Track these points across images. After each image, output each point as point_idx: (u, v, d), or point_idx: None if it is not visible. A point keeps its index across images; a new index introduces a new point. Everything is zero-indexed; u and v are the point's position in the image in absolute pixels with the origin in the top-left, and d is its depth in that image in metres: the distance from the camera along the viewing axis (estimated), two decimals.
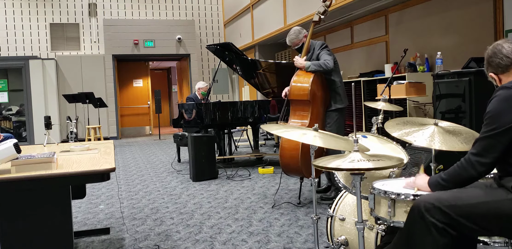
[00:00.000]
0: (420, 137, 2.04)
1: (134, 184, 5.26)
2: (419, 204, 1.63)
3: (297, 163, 3.76)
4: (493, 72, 1.79)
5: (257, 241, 3.04)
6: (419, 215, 1.61)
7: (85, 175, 1.98)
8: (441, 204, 1.59)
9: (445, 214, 1.58)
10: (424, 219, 1.59)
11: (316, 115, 3.89)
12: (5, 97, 10.19)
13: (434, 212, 1.59)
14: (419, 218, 1.60)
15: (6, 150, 1.94)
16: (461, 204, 1.59)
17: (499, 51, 1.73)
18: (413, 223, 1.63)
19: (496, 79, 1.80)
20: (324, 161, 1.82)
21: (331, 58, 3.82)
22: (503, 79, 1.77)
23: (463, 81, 3.85)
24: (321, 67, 3.79)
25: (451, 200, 1.61)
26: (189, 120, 5.97)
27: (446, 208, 1.58)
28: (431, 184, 1.74)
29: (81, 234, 3.28)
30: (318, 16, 3.95)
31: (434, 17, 5.60)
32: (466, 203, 1.59)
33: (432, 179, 1.75)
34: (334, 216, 2.42)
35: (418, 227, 1.61)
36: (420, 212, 1.61)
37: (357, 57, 7.39)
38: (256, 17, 9.99)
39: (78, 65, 10.95)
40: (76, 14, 11.50)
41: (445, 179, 1.70)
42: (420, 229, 1.60)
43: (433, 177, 1.76)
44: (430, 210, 1.59)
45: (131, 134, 12.68)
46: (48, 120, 3.24)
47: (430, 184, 1.74)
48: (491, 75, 1.82)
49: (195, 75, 12.09)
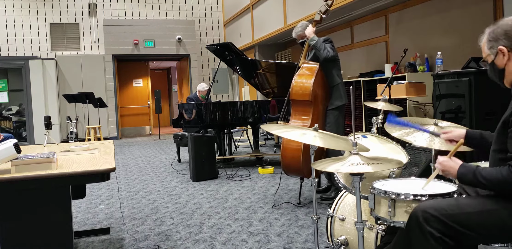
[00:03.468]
0: (420, 137, 2.04)
1: (134, 184, 5.26)
2: (417, 212, 1.61)
3: (299, 163, 3.75)
4: (508, 47, 1.64)
5: (257, 241, 3.04)
6: (417, 224, 1.60)
7: (85, 175, 1.98)
8: (439, 213, 1.58)
9: (444, 223, 1.56)
10: (421, 228, 1.58)
11: (317, 116, 3.88)
12: (5, 97, 10.19)
13: (432, 221, 1.57)
14: (417, 227, 1.59)
15: (6, 150, 1.94)
16: (460, 212, 1.58)
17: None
18: (412, 231, 1.62)
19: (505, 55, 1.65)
20: (323, 164, 1.81)
21: (332, 50, 3.83)
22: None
23: (463, 81, 3.85)
24: (322, 49, 3.79)
25: (450, 208, 1.59)
26: (189, 120, 5.97)
27: (444, 217, 1.57)
28: (463, 175, 1.65)
29: (81, 234, 3.28)
30: (320, 15, 3.95)
31: (434, 17, 5.60)
32: (465, 211, 1.58)
33: (467, 174, 1.63)
34: (334, 216, 2.42)
35: (416, 236, 1.60)
36: (418, 221, 1.59)
37: (357, 57, 7.39)
38: (256, 17, 9.99)
39: (78, 65, 10.95)
40: (76, 14, 11.50)
41: (485, 181, 1.59)
42: (418, 238, 1.59)
43: (468, 170, 1.64)
44: (428, 219, 1.58)
45: (131, 134, 12.68)
46: (48, 120, 3.24)
47: (460, 174, 1.65)
48: (501, 50, 1.65)
49: (195, 75, 12.09)
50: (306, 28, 4.02)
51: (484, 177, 1.59)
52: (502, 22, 1.68)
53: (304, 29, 4.03)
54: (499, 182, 1.56)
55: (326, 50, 3.78)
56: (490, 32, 1.70)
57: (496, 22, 1.71)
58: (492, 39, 1.68)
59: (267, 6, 9.26)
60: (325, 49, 3.79)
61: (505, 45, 1.64)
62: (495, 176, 1.57)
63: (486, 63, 1.75)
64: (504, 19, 1.68)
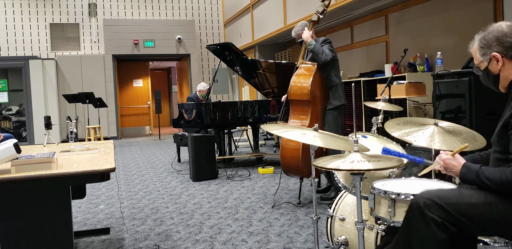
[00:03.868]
0: (420, 137, 2.04)
1: (134, 184, 5.26)
2: (419, 200, 1.61)
3: (298, 163, 3.76)
4: (501, 53, 1.63)
5: (257, 241, 3.04)
6: (419, 211, 1.59)
7: (85, 175, 1.98)
8: (442, 201, 1.58)
9: (446, 211, 1.57)
10: (423, 215, 1.58)
11: (316, 115, 3.89)
12: (5, 97, 10.19)
13: (434, 209, 1.57)
14: (419, 214, 1.59)
15: (6, 150, 1.94)
16: (462, 202, 1.58)
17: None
18: (412, 219, 1.61)
19: (499, 61, 1.64)
20: (324, 161, 1.81)
21: (330, 53, 3.82)
22: (506, 65, 1.65)
23: (463, 81, 3.85)
24: (320, 53, 3.78)
25: (453, 198, 1.59)
26: (189, 120, 5.97)
27: (447, 206, 1.57)
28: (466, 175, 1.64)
29: (81, 234, 3.28)
30: (317, 16, 3.95)
31: (434, 17, 5.60)
32: (467, 202, 1.58)
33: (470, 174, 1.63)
34: (334, 216, 2.42)
35: (417, 223, 1.59)
36: (419, 208, 1.59)
37: (357, 57, 7.39)
38: (256, 17, 9.99)
39: (78, 65, 10.95)
40: (76, 14, 11.50)
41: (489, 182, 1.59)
42: (419, 225, 1.59)
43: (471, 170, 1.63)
44: (430, 206, 1.57)
45: (131, 134, 12.68)
46: (48, 120, 3.24)
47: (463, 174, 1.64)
48: (494, 56, 1.65)
49: (195, 75, 12.09)
50: (304, 28, 4.02)
51: (488, 178, 1.59)
52: (492, 28, 1.68)
53: (303, 28, 4.03)
54: (503, 183, 1.56)
55: (324, 54, 3.78)
56: (481, 38, 1.71)
57: (485, 28, 1.71)
58: (484, 46, 1.69)
59: (267, 6, 9.27)
60: (323, 53, 3.78)
61: (498, 51, 1.65)
62: (498, 177, 1.57)
63: (479, 69, 1.76)
64: (493, 25, 1.69)
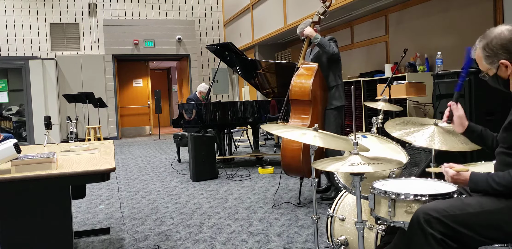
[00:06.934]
0: (420, 137, 2.04)
1: (134, 184, 5.26)
2: (419, 215, 1.61)
3: (299, 163, 3.76)
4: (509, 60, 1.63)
5: (257, 241, 3.04)
6: (418, 226, 1.59)
7: (85, 175, 1.98)
8: (439, 214, 1.58)
9: (444, 224, 1.56)
10: (423, 230, 1.58)
11: (317, 115, 3.89)
12: (5, 97, 10.19)
13: (434, 223, 1.57)
14: (418, 229, 1.59)
15: (6, 150, 1.94)
16: (460, 213, 1.58)
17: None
18: (413, 234, 1.62)
19: (509, 66, 1.64)
20: (323, 163, 1.81)
21: (337, 48, 3.89)
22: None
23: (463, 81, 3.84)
24: (327, 46, 3.81)
25: (450, 209, 1.59)
26: (189, 120, 5.97)
27: (446, 218, 1.57)
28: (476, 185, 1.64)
29: (81, 234, 3.28)
30: (318, 16, 3.96)
31: (434, 17, 5.60)
32: (465, 212, 1.58)
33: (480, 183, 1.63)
34: (334, 216, 2.42)
35: (417, 238, 1.60)
36: (419, 223, 1.59)
37: (357, 57, 7.39)
38: (256, 17, 9.99)
39: (78, 65, 10.95)
40: (76, 14, 11.50)
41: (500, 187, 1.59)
42: (419, 240, 1.59)
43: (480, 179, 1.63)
44: (429, 221, 1.58)
45: (131, 134, 12.68)
46: (48, 120, 3.24)
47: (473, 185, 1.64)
48: (503, 63, 1.65)
49: (195, 75, 12.09)
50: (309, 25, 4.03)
51: (498, 183, 1.58)
52: (493, 34, 1.67)
53: (307, 26, 4.04)
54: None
55: (331, 47, 3.83)
56: (484, 46, 1.69)
57: (485, 34, 1.70)
58: (490, 55, 1.68)
59: (267, 6, 9.26)
60: (330, 46, 3.82)
61: (506, 58, 1.65)
62: (509, 180, 1.57)
63: (487, 75, 1.76)
64: (493, 32, 1.67)
